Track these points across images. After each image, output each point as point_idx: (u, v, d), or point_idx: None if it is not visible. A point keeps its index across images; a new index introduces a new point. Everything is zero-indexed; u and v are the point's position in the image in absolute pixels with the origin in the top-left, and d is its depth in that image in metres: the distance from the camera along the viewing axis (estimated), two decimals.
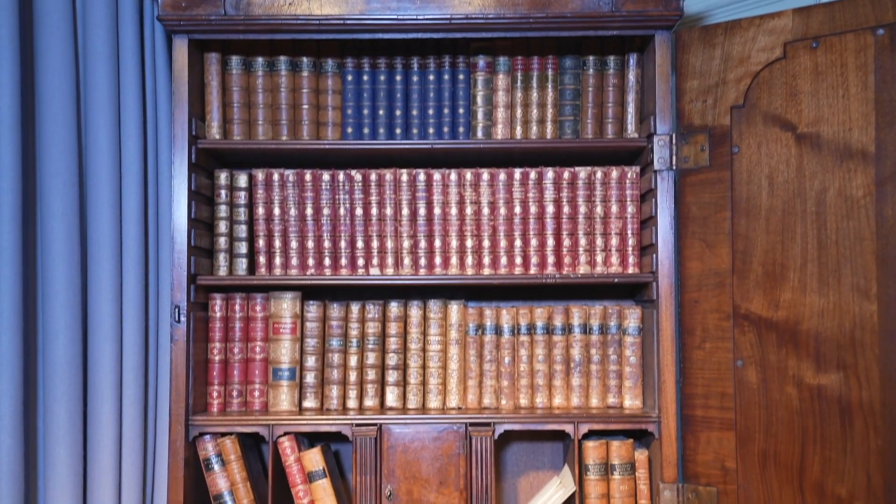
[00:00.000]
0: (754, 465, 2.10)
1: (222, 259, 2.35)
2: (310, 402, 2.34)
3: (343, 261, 2.35)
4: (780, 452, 2.07)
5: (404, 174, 2.35)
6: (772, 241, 2.10)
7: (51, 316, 2.27)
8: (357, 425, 2.25)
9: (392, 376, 2.35)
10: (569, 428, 2.25)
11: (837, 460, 1.99)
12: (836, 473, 1.99)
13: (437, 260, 2.35)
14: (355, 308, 2.36)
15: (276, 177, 2.36)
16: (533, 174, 2.34)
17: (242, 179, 2.37)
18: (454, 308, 2.37)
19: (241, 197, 2.37)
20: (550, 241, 2.35)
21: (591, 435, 2.31)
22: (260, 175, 2.36)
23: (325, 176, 2.35)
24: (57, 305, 2.25)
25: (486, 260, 2.35)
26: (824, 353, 2.02)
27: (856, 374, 1.97)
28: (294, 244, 2.35)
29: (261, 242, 2.36)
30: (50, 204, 2.24)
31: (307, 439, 2.38)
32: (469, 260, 2.35)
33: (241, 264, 2.36)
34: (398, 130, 2.38)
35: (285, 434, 2.27)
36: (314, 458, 2.26)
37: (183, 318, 2.22)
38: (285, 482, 2.32)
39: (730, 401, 2.14)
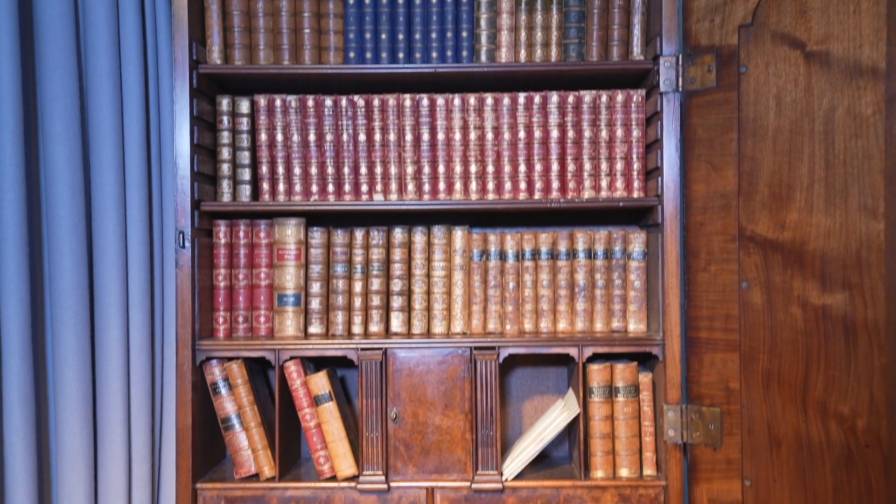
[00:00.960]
0: (758, 385, 2.11)
1: (226, 186, 2.34)
2: (315, 328, 2.34)
3: (346, 187, 2.34)
4: (784, 372, 2.07)
5: (407, 99, 2.32)
6: (779, 162, 2.08)
7: (56, 241, 2.27)
8: (362, 349, 2.27)
9: (397, 302, 2.36)
10: (573, 351, 2.26)
11: (841, 379, 2.00)
12: (839, 392, 2.00)
13: (441, 186, 2.34)
14: (359, 234, 2.36)
15: (278, 102, 2.33)
16: (537, 98, 2.32)
17: (244, 105, 2.35)
18: (458, 234, 2.36)
19: (244, 123, 2.35)
20: (555, 167, 2.33)
21: (595, 358, 2.33)
22: (262, 101, 2.34)
23: (328, 102, 2.33)
24: (62, 231, 2.25)
25: (490, 186, 2.34)
26: (830, 273, 2.01)
27: (861, 293, 1.97)
28: (297, 170, 2.34)
29: (264, 169, 2.34)
30: (51, 128, 2.23)
31: (313, 364, 2.40)
32: (473, 186, 2.34)
33: (245, 191, 2.35)
34: (401, 55, 2.35)
35: (291, 358, 2.29)
36: (320, 382, 2.27)
37: (187, 244, 2.22)
38: (292, 406, 2.34)
39: (734, 322, 2.14)
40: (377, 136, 2.33)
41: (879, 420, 1.94)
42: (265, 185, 2.34)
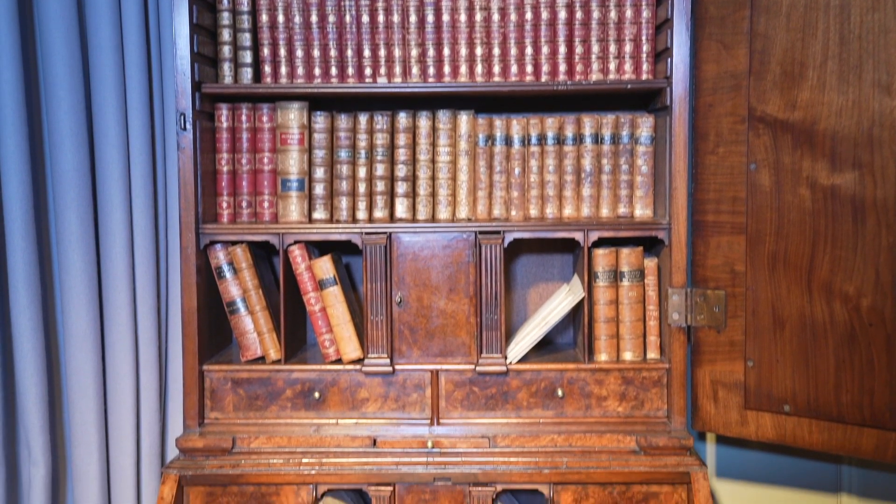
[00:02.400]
0: (763, 267, 2.10)
1: (227, 69, 2.30)
2: (319, 214, 2.33)
3: (350, 70, 2.30)
4: (790, 254, 2.06)
5: None
6: (791, 39, 2.03)
7: (56, 123, 2.25)
8: (367, 234, 2.26)
9: (401, 188, 2.34)
10: (578, 236, 2.25)
11: (847, 259, 1.98)
12: (845, 272, 1.99)
13: (446, 69, 2.29)
14: (363, 119, 2.33)
15: None
16: None
17: None
18: (464, 118, 2.33)
19: (244, 4, 2.29)
20: (562, 49, 2.28)
21: (600, 243, 2.31)
22: None
23: None
24: (61, 112, 2.23)
25: (496, 69, 2.29)
26: (840, 152, 1.98)
27: (871, 172, 1.94)
28: (299, 53, 2.29)
29: (265, 51, 2.30)
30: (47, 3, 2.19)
31: (317, 250, 2.40)
32: (479, 69, 2.29)
33: (246, 74, 2.31)
34: None
35: (295, 243, 2.29)
36: (325, 266, 2.27)
37: (189, 126, 2.20)
38: (297, 291, 2.35)
39: (741, 205, 2.12)
40: (380, 18, 2.28)
41: (884, 299, 1.94)
42: (267, 68, 2.30)
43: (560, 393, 2.26)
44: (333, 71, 2.30)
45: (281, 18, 2.29)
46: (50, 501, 2.31)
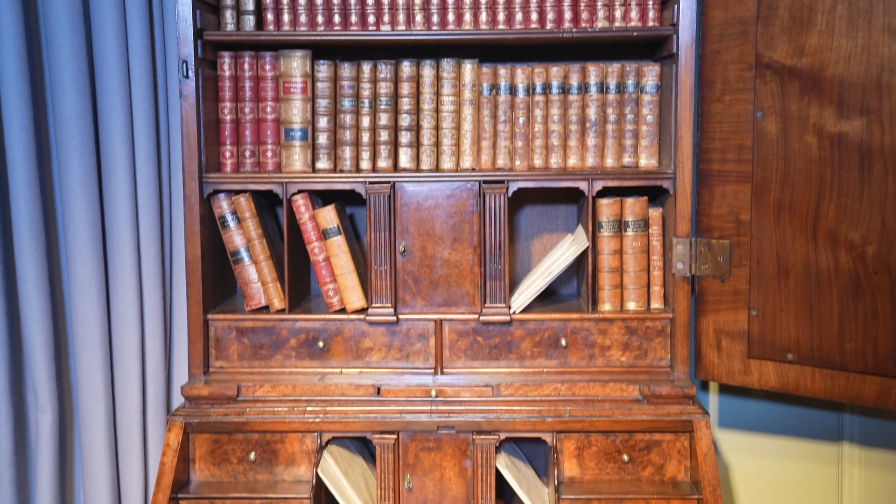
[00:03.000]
0: (769, 216, 2.10)
1: (229, 16, 2.28)
2: (323, 164, 2.32)
3: (353, 17, 2.28)
4: (796, 202, 2.05)
5: None
6: None
7: (57, 70, 2.24)
8: (370, 183, 2.25)
9: (405, 137, 2.33)
10: (583, 185, 2.24)
11: (853, 207, 1.97)
12: (851, 220, 1.98)
13: (451, 17, 2.27)
14: (367, 68, 2.31)
15: None
16: None
17: None
18: (468, 67, 2.31)
19: None
20: None
21: (605, 193, 2.30)
22: None
23: None
24: (63, 59, 2.22)
25: (501, 16, 2.27)
26: (848, 99, 1.96)
27: (879, 119, 1.92)
28: (302, 0, 2.27)
29: None
30: None
31: (321, 200, 2.39)
32: (483, 16, 2.27)
33: (249, 21, 2.29)
34: None
35: (299, 192, 2.28)
36: (328, 216, 2.27)
37: (191, 74, 2.18)
38: (300, 241, 2.35)
39: (747, 153, 2.11)
40: None
41: (890, 246, 1.93)
42: (269, 16, 2.28)
43: (563, 342, 2.27)
44: (336, 19, 2.28)
45: None
46: (57, 447, 2.34)
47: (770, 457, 2.55)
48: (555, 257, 2.31)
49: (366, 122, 2.32)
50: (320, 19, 2.28)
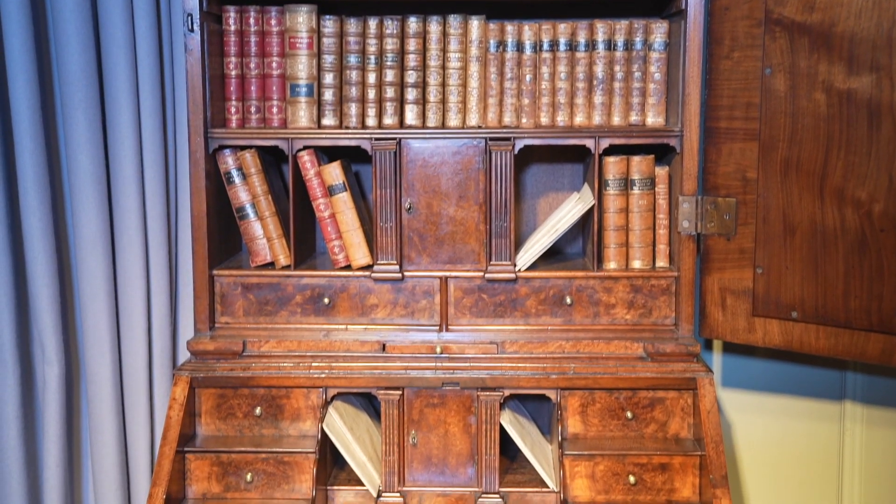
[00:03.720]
0: (775, 174, 2.09)
1: None
2: (328, 120, 2.31)
3: None
4: (803, 160, 2.05)
5: None
6: None
7: (62, 24, 2.23)
8: (376, 139, 2.25)
9: (411, 94, 2.31)
10: (589, 143, 2.24)
11: (860, 164, 1.97)
12: (858, 177, 1.97)
13: None
14: (373, 23, 2.29)
15: None
16: None
17: None
18: (475, 24, 2.29)
19: None
20: None
21: (611, 152, 2.29)
22: None
23: None
24: (66, 12, 2.21)
25: None
26: (858, 55, 1.95)
27: (889, 75, 1.91)
28: None
29: None
30: None
31: (326, 157, 2.38)
32: None
33: None
34: None
35: (305, 148, 2.27)
36: (334, 172, 2.27)
37: (196, 28, 2.17)
38: (306, 198, 2.34)
39: (755, 111, 2.10)
40: None
41: None
42: None
43: (568, 300, 2.27)
44: None
45: None
46: (65, 400, 2.36)
47: (772, 415, 2.57)
48: (560, 215, 2.31)
49: (372, 78, 2.31)
50: None
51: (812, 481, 2.50)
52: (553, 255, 2.47)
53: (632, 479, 2.14)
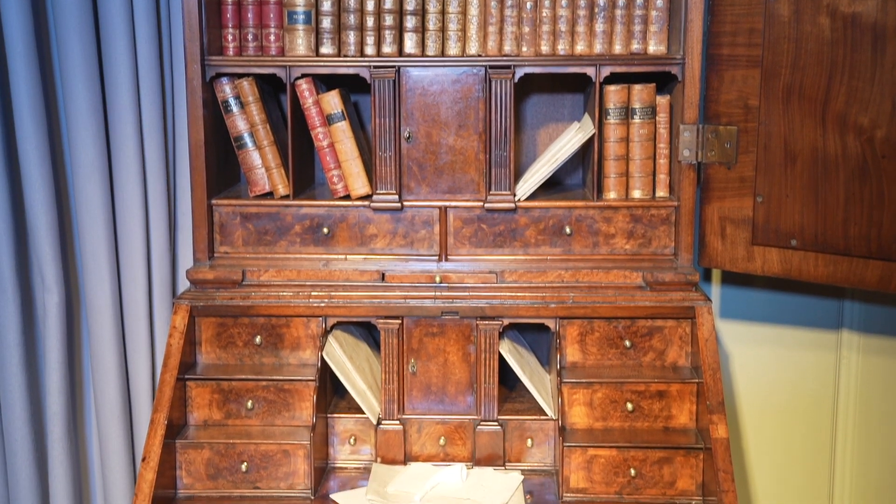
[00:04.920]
0: (777, 101, 2.08)
1: None
2: (327, 48, 2.28)
3: None
4: (806, 86, 2.03)
5: None
6: None
7: None
8: (375, 67, 2.22)
9: (410, 22, 2.28)
10: (590, 71, 2.21)
11: (863, 90, 1.95)
12: (861, 103, 1.96)
13: None
14: None
15: None
16: None
17: None
18: None
19: None
20: None
21: (612, 80, 2.27)
22: None
23: None
24: None
25: None
26: None
27: None
28: None
29: None
30: None
31: (325, 86, 2.36)
32: None
33: None
34: None
35: (303, 76, 2.25)
36: (332, 101, 2.25)
37: None
38: (304, 127, 2.33)
39: (758, 37, 2.08)
40: None
41: None
42: None
43: (568, 230, 2.27)
44: None
45: None
46: (65, 328, 2.37)
47: (770, 345, 2.59)
48: (561, 145, 2.30)
49: (370, 5, 2.27)
50: None
51: (808, 409, 2.53)
52: (553, 186, 2.47)
53: (629, 406, 2.16)
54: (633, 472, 2.09)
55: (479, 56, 2.27)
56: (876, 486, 2.40)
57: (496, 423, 2.21)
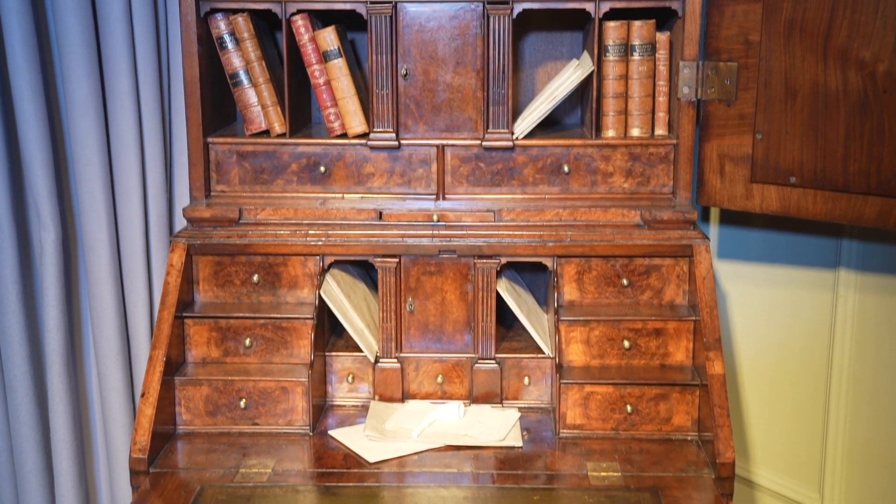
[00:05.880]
0: (779, 35, 2.05)
1: None
2: None
3: None
4: (808, 20, 2.01)
5: None
6: None
7: None
8: (372, 3, 2.19)
9: None
10: (589, 6, 2.19)
11: (866, 23, 1.93)
12: (864, 37, 1.94)
13: None
14: None
15: None
16: None
17: None
18: None
19: None
20: None
21: (611, 17, 2.24)
22: None
23: None
24: None
25: None
26: None
27: None
28: None
29: None
30: None
31: (321, 22, 2.33)
32: None
33: None
34: None
35: (298, 12, 2.22)
36: (329, 38, 2.22)
37: None
38: (301, 65, 2.30)
39: None
40: None
41: None
42: None
43: (566, 169, 2.26)
44: None
45: None
46: (62, 265, 2.37)
47: (767, 285, 2.59)
48: (559, 82, 2.28)
49: None
50: None
51: (804, 348, 2.54)
52: (551, 125, 2.45)
53: (626, 343, 2.17)
54: (629, 408, 2.11)
55: None
56: (870, 422, 2.42)
57: (493, 362, 2.22)
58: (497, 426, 2.13)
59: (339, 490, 1.89)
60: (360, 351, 2.24)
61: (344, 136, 2.28)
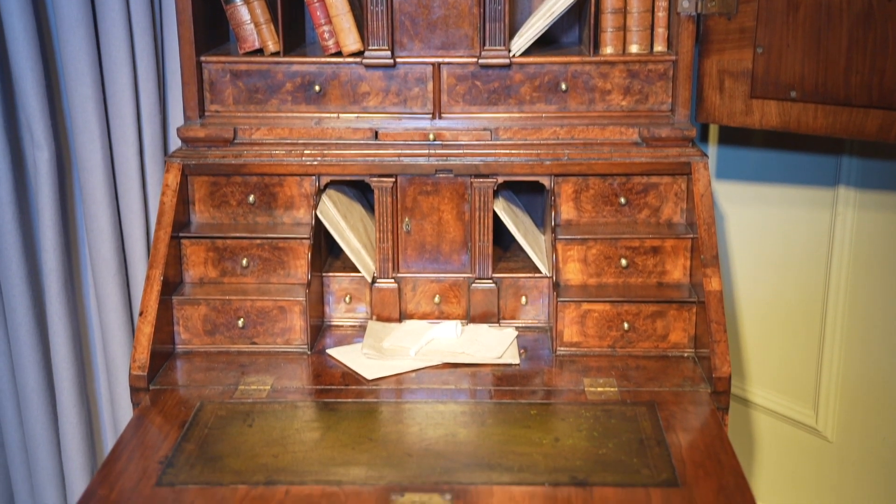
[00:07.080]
0: None
1: None
2: None
3: None
4: None
5: None
6: None
7: None
8: None
9: None
10: None
11: None
12: None
13: None
14: None
15: None
16: None
17: None
18: None
19: None
20: None
21: None
22: None
23: None
24: None
25: None
26: None
27: None
28: None
29: None
30: None
31: None
32: None
33: None
34: None
35: None
36: None
37: None
38: None
39: None
40: None
41: None
42: None
43: (563, 87, 2.23)
44: None
45: None
46: (57, 185, 2.35)
47: (765, 204, 2.58)
48: None
49: None
50: None
51: (801, 265, 2.54)
52: (548, 44, 2.41)
53: (623, 262, 2.17)
54: (626, 325, 2.11)
55: None
56: (865, 339, 2.43)
57: (490, 281, 2.22)
58: (494, 344, 2.14)
59: (337, 406, 1.91)
60: (358, 271, 2.24)
61: (338, 54, 2.25)
